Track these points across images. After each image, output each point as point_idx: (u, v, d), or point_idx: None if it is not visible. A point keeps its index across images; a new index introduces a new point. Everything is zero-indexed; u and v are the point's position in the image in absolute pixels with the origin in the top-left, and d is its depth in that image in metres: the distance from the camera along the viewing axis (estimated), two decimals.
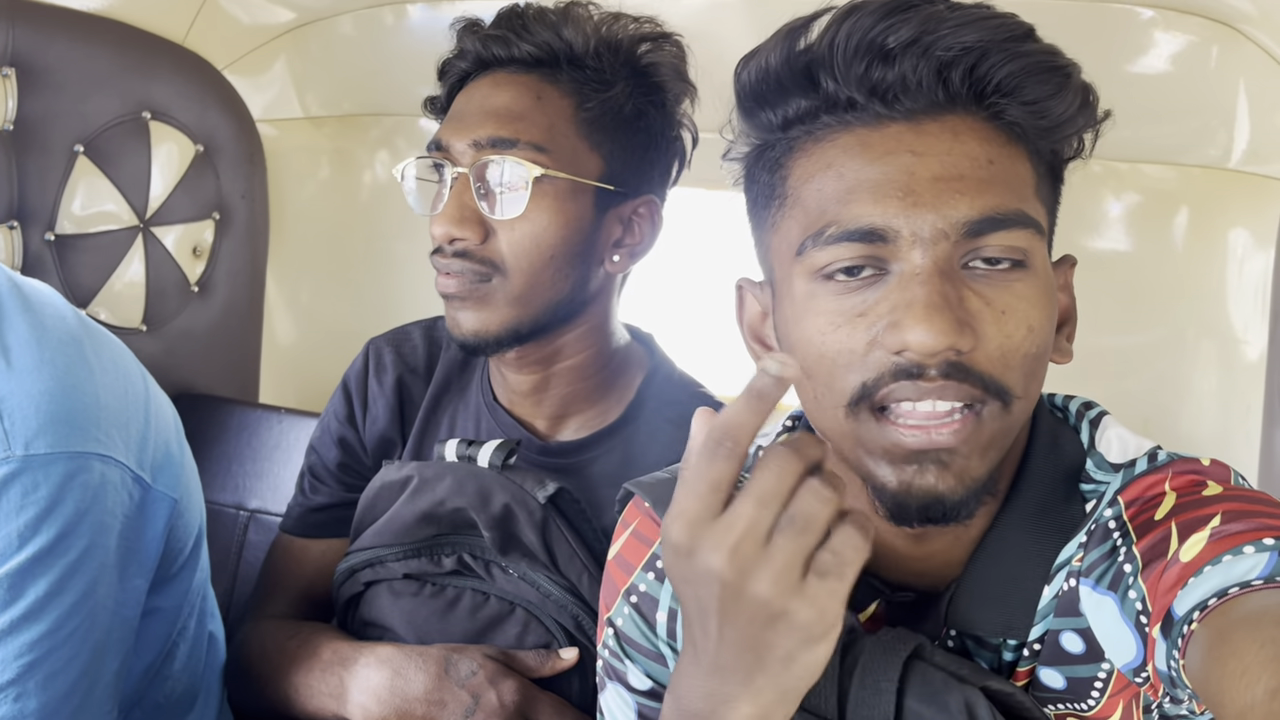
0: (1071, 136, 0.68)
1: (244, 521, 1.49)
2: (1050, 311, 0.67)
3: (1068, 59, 0.66)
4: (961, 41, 0.63)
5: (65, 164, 1.39)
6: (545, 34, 1.01)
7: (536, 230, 0.99)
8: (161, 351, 1.53)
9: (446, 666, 1.00)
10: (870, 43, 0.64)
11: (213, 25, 1.51)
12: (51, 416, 0.88)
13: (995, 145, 0.65)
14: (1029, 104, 0.65)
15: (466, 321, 1.02)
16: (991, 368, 0.64)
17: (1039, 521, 0.71)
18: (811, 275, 0.66)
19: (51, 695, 0.87)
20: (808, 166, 0.68)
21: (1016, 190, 0.65)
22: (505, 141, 0.99)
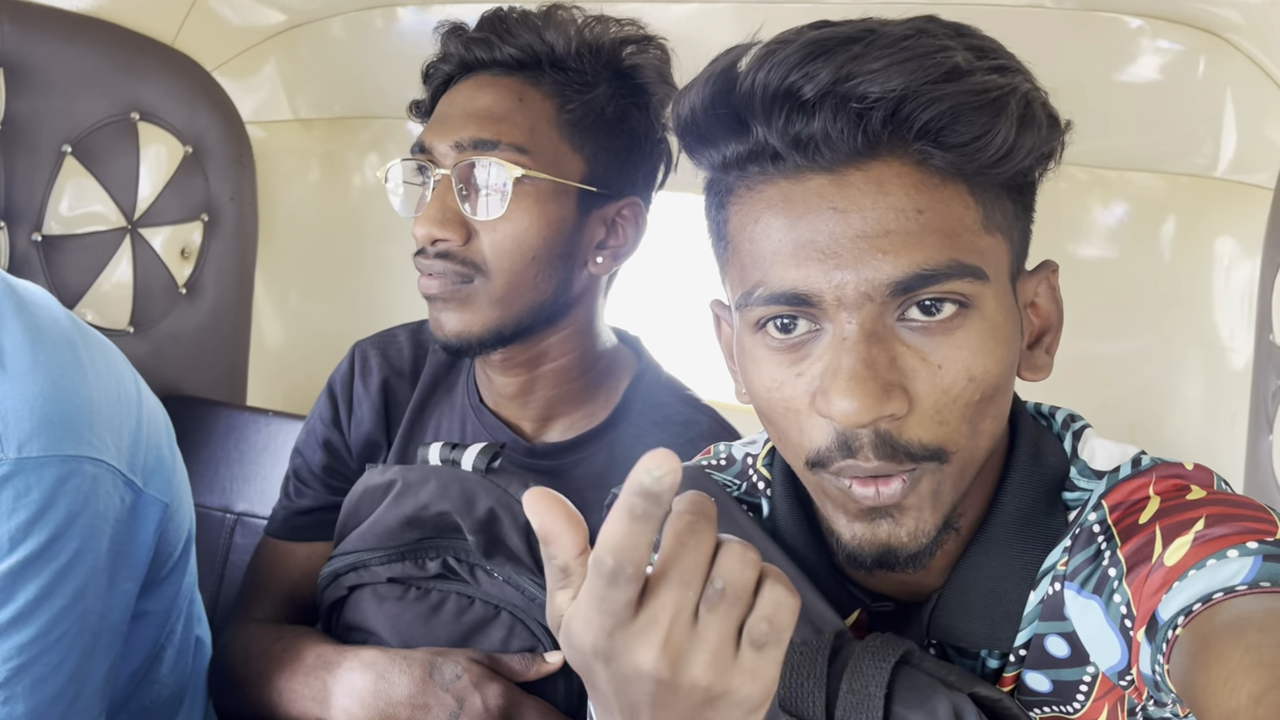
0: (1022, 163, 0.64)
1: (231, 524, 1.49)
2: (1001, 351, 0.64)
3: (1002, 85, 0.61)
4: (877, 89, 0.59)
5: (53, 164, 1.39)
6: (528, 36, 1.02)
7: (518, 231, 1.00)
8: (149, 353, 1.53)
9: (431, 670, 0.99)
10: (786, 92, 0.60)
11: (203, 26, 1.51)
12: (45, 419, 0.87)
13: (925, 191, 0.61)
14: (957, 146, 0.61)
15: (449, 323, 1.02)
16: (924, 433, 0.62)
17: (1021, 533, 0.71)
18: (751, 328, 0.66)
19: (40, 699, 0.87)
20: (742, 216, 0.66)
21: (951, 237, 0.61)
22: (487, 143, 0.99)
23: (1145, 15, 1.21)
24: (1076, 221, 1.41)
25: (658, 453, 0.48)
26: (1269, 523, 0.62)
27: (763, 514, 0.81)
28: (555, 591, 0.54)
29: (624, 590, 0.49)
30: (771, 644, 0.51)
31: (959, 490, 0.66)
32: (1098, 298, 1.40)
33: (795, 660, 0.70)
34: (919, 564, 0.65)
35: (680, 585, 0.50)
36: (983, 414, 0.64)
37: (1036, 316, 0.71)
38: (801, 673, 0.69)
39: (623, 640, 0.50)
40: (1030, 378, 0.70)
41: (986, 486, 0.72)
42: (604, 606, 0.50)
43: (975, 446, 0.65)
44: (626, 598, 0.49)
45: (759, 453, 0.83)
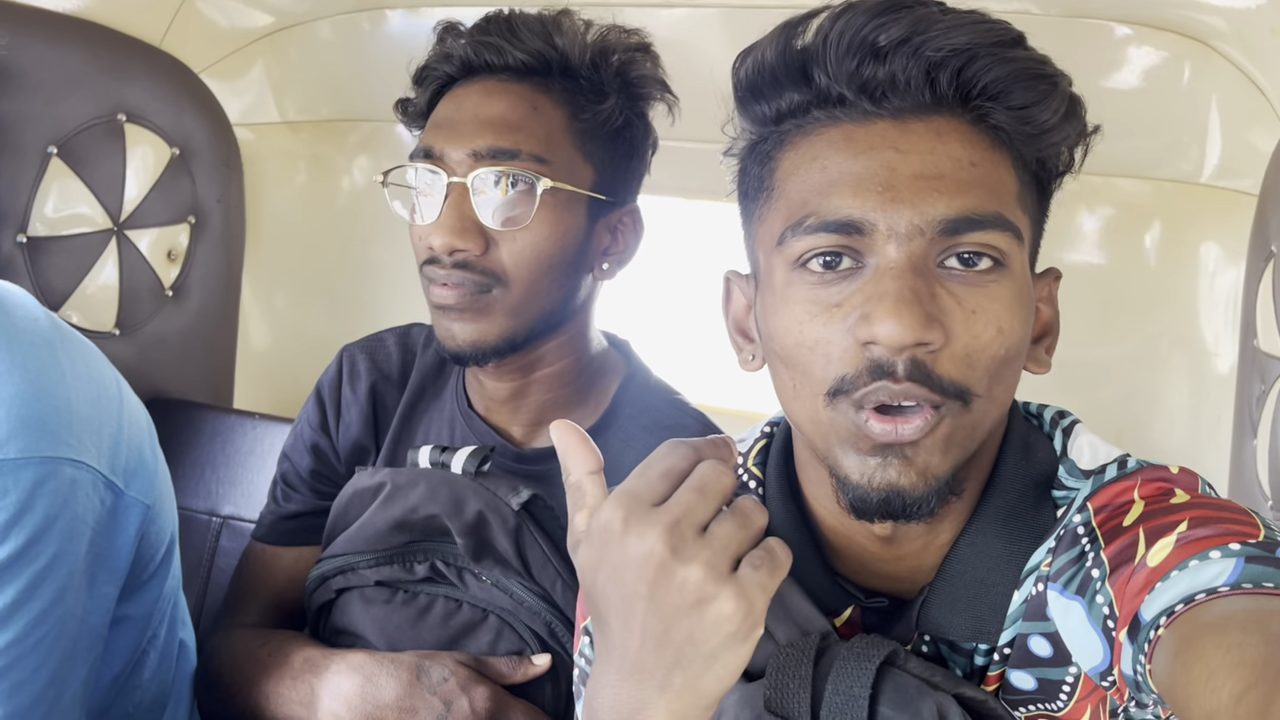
0: (1057, 145, 0.68)
1: (216, 528, 1.48)
2: (1024, 317, 0.67)
3: (1056, 69, 0.67)
4: (950, 43, 0.64)
5: (38, 165, 1.38)
6: (538, 42, 1.01)
7: (537, 240, 0.99)
8: (134, 356, 1.52)
9: (418, 673, 0.99)
10: (862, 40, 0.65)
11: (190, 28, 1.50)
12: (22, 421, 0.86)
13: (979, 148, 0.66)
14: (1014, 109, 0.66)
15: (463, 333, 1.01)
16: (955, 369, 0.64)
17: (1009, 527, 0.71)
18: (791, 264, 0.67)
19: (18, 704, 0.86)
20: (795, 159, 0.69)
21: (996, 194, 0.66)
22: (506, 153, 0.98)
23: (1131, 22, 1.22)
24: (1063, 227, 1.41)
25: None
26: (1251, 525, 0.62)
27: None
28: (574, 512, 0.62)
29: (675, 458, 0.60)
30: (765, 569, 0.57)
31: (968, 445, 0.67)
32: (1084, 303, 1.40)
33: (781, 661, 0.70)
34: (922, 512, 0.66)
35: (697, 491, 0.58)
36: (1001, 374, 0.67)
37: (1039, 318, 0.73)
38: (787, 673, 0.69)
39: (638, 515, 0.57)
40: (1032, 369, 0.72)
41: (980, 475, 0.72)
42: (648, 473, 0.60)
43: (990, 406, 0.67)
44: (670, 466, 0.60)
45: (749, 451, 0.83)
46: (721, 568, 0.56)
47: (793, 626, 0.73)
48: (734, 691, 0.73)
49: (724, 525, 0.57)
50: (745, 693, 0.72)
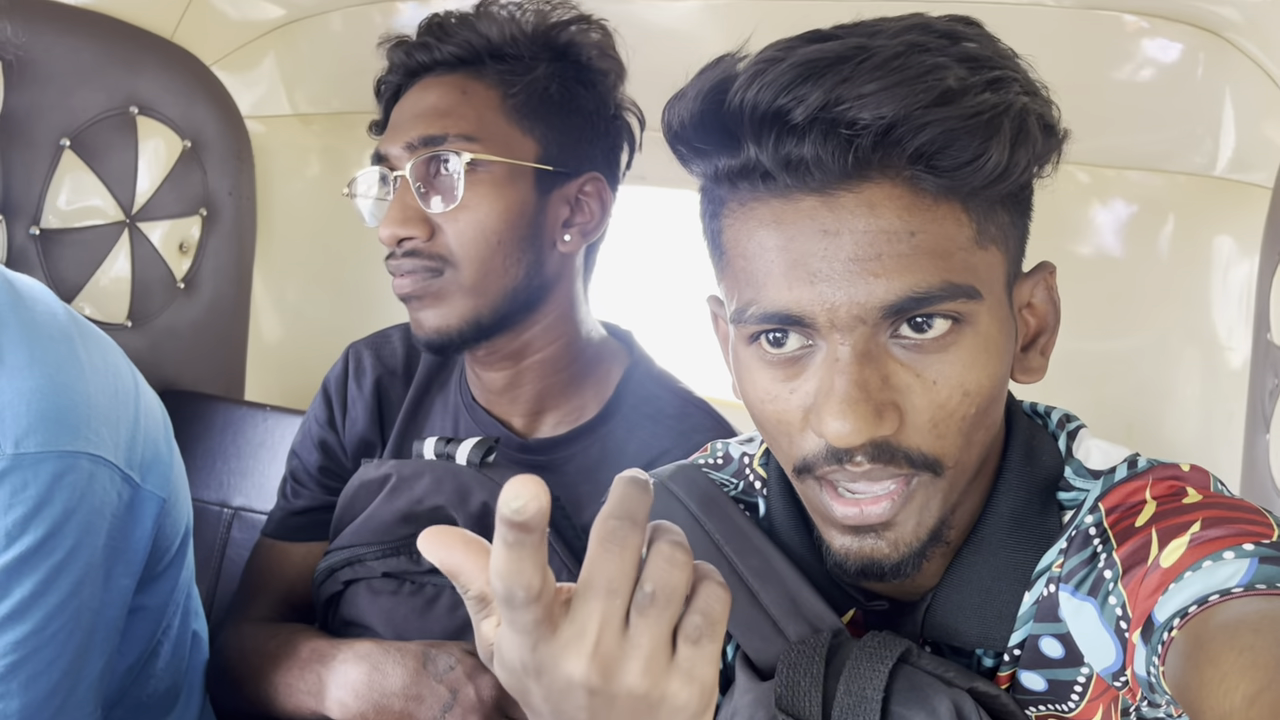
0: (1019, 179, 0.63)
1: (228, 519, 1.49)
2: (994, 364, 0.64)
3: (996, 105, 0.59)
4: (868, 115, 0.58)
5: (51, 158, 1.38)
6: (464, 33, 1.04)
7: (479, 218, 1.01)
8: (147, 348, 1.52)
9: (425, 661, 1.00)
10: (776, 114, 0.59)
11: (202, 20, 1.50)
12: (42, 415, 0.87)
13: (918, 212, 0.61)
14: (950, 170, 0.60)
15: (428, 320, 1.03)
16: (921, 442, 0.63)
17: (1015, 533, 0.71)
18: (746, 340, 0.66)
19: (34, 695, 0.87)
20: (735, 230, 0.65)
21: (945, 258, 0.61)
22: (435, 138, 1.01)
23: (1145, 14, 1.21)
24: (1075, 220, 1.41)
25: (518, 480, 0.47)
26: (1265, 525, 0.62)
27: (759, 513, 0.81)
28: (479, 623, 0.53)
29: (526, 612, 0.49)
30: (707, 638, 0.50)
31: (948, 504, 0.66)
32: (1096, 296, 1.40)
33: (792, 659, 0.70)
34: (903, 575, 0.66)
35: (606, 594, 0.49)
36: (978, 425, 0.65)
37: (1033, 317, 0.71)
38: (798, 671, 0.69)
39: (549, 653, 0.50)
40: (1024, 380, 0.70)
41: (981, 488, 0.72)
42: (516, 627, 0.49)
43: (968, 459, 0.66)
44: (533, 617, 0.49)
45: (755, 452, 0.83)
46: (662, 661, 0.50)
47: (804, 624, 0.73)
48: (748, 692, 0.73)
49: (648, 614, 0.49)
50: (759, 693, 0.72)
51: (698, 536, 0.77)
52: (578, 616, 0.49)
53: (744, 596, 0.75)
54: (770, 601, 0.75)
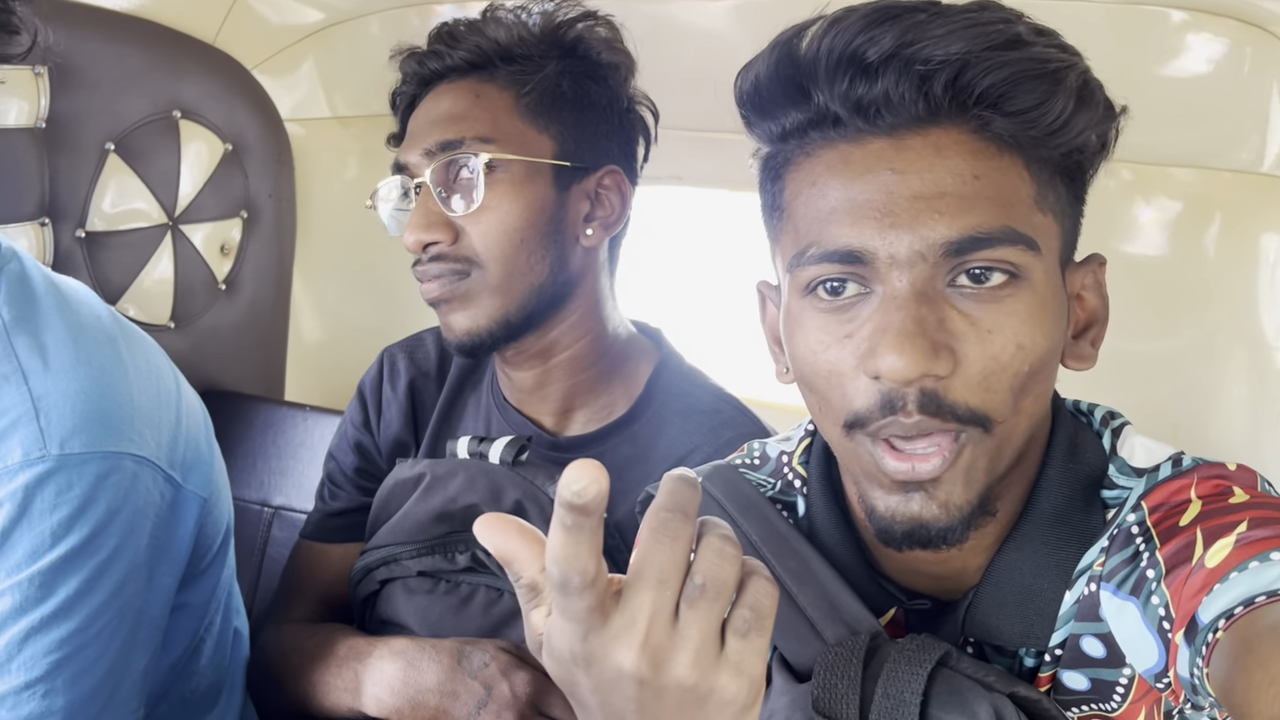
0: (1074, 138, 0.65)
1: (268, 518, 1.51)
2: (1049, 326, 0.64)
3: (1062, 59, 0.63)
4: (940, 52, 0.61)
5: (96, 162, 1.41)
6: (474, 39, 1.06)
7: (501, 217, 1.02)
8: (189, 348, 1.55)
9: (459, 658, 1.01)
10: (851, 56, 0.62)
11: (243, 25, 1.52)
12: (86, 416, 0.88)
13: (983, 159, 0.63)
14: (1016, 114, 0.62)
15: (458, 322, 1.04)
16: (970, 394, 0.63)
17: (1057, 530, 0.70)
18: (801, 291, 0.66)
19: (79, 692, 0.88)
20: (798, 181, 0.67)
21: (1006, 205, 0.63)
22: (452, 143, 1.02)
23: (1190, 9, 1.19)
24: (1119, 218, 1.39)
25: (579, 464, 0.47)
26: None
27: (798, 513, 0.80)
28: (529, 612, 0.54)
29: (580, 598, 0.49)
30: (755, 631, 0.51)
31: (995, 469, 0.66)
32: (1141, 295, 1.38)
33: (830, 661, 0.70)
34: (950, 540, 0.65)
35: (656, 584, 0.50)
36: (1027, 389, 0.64)
37: (1082, 309, 0.71)
38: (836, 673, 0.69)
39: (600, 643, 0.50)
40: (1074, 366, 0.70)
41: (1024, 481, 0.71)
42: (568, 615, 0.50)
43: (1017, 423, 0.65)
44: (586, 604, 0.49)
45: (794, 450, 0.82)
46: (711, 654, 0.50)
47: (842, 626, 0.73)
48: (785, 694, 0.73)
49: (697, 607, 0.50)
50: (796, 695, 0.72)
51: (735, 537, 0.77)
52: (628, 606, 0.50)
53: (782, 598, 0.75)
54: (808, 603, 0.74)
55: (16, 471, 0.85)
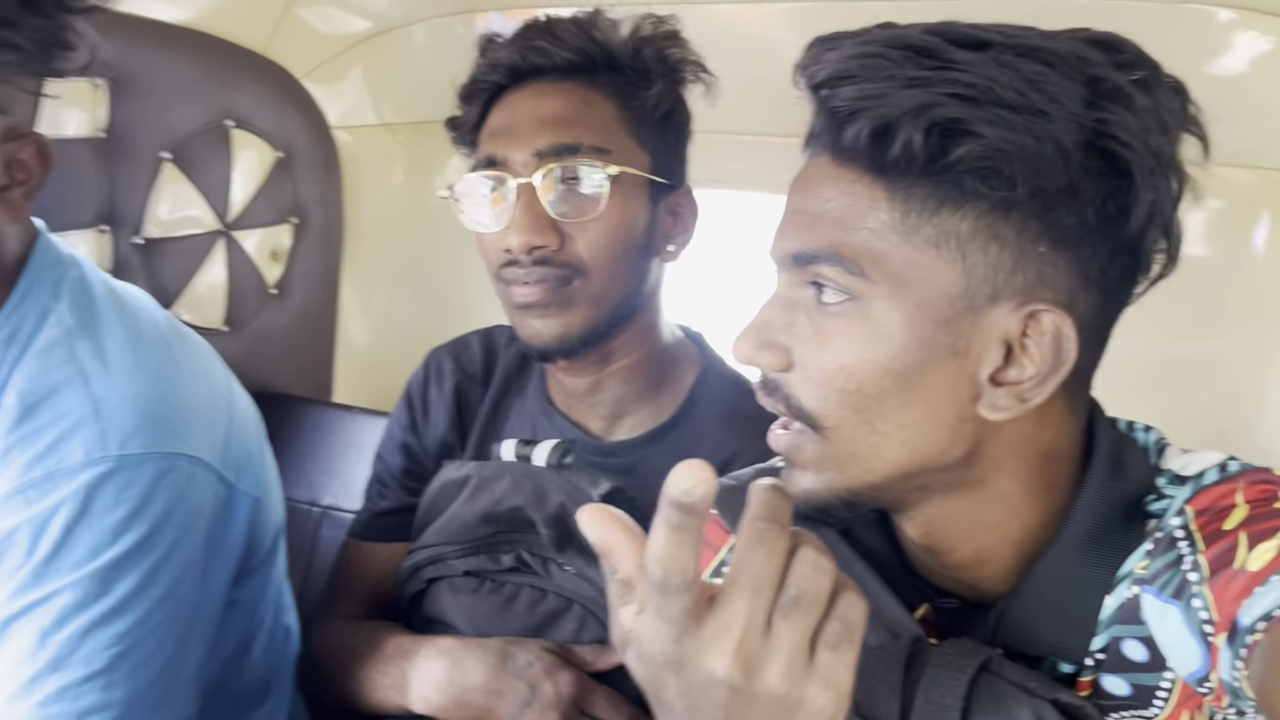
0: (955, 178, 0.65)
1: (317, 517, 1.53)
2: (882, 356, 0.64)
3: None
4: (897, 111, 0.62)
5: (152, 170, 1.44)
6: (580, 40, 1.04)
7: (609, 228, 1.02)
8: (241, 351, 1.58)
9: (504, 658, 1.02)
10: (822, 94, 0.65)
11: (292, 35, 1.55)
12: (144, 418, 0.91)
13: (839, 183, 0.66)
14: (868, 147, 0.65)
15: (549, 328, 1.03)
16: (801, 394, 0.68)
17: (1095, 548, 0.69)
18: None
19: (137, 685, 0.91)
20: None
21: (845, 230, 0.66)
22: (568, 148, 1.01)
23: (1236, 7, 1.18)
24: None
25: (689, 464, 0.49)
26: None
27: None
28: (619, 608, 0.55)
29: (678, 599, 0.50)
30: (846, 645, 0.52)
31: (850, 483, 0.68)
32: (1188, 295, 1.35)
33: (870, 665, 0.70)
34: (827, 520, 0.70)
35: (752, 592, 0.51)
36: (873, 411, 0.66)
37: (1023, 358, 0.65)
38: (876, 677, 0.69)
39: (693, 647, 0.51)
40: (986, 415, 0.66)
41: (1055, 497, 0.71)
42: (664, 615, 0.51)
43: (870, 444, 0.66)
44: (683, 606, 0.50)
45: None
46: (801, 664, 0.51)
47: (883, 630, 0.73)
48: None
49: (791, 617, 0.51)
50: None
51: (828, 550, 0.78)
52: (723, 613, 0.51)
53: None
54: None
55: (78, 471, 0.88)
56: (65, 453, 0.88)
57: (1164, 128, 0.64)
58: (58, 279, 0.97)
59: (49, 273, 0.97)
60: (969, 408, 0.66)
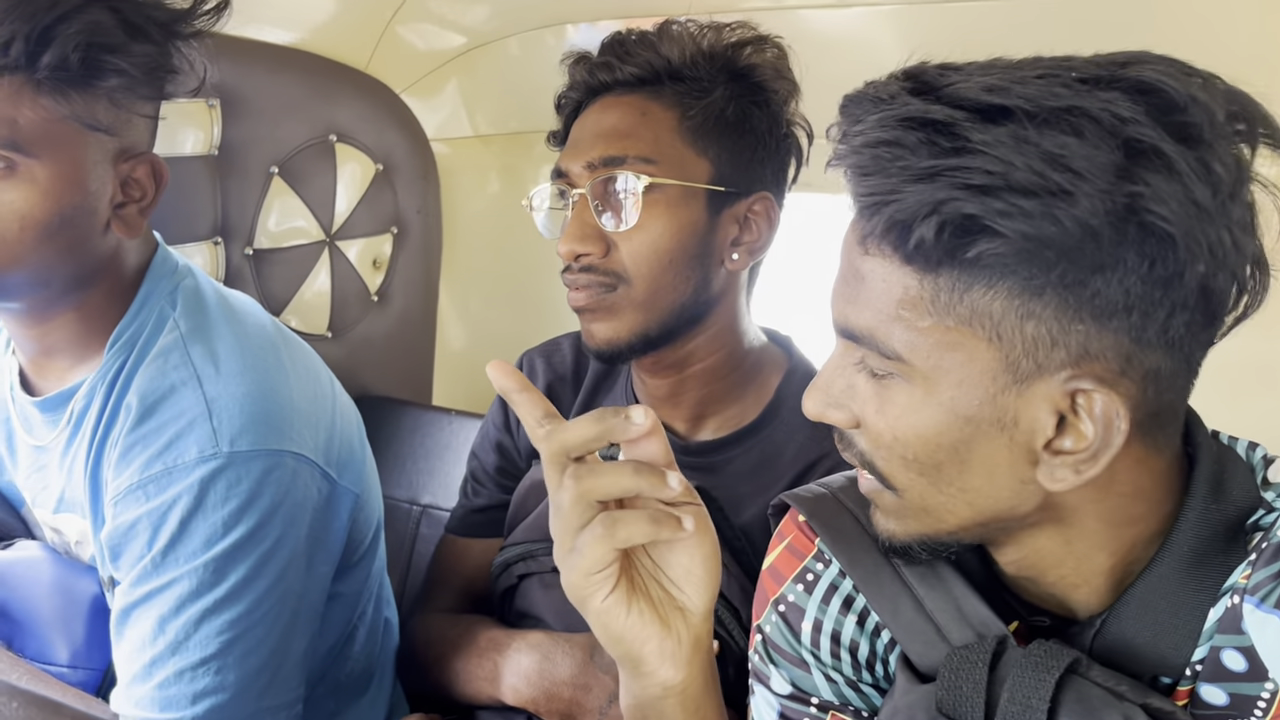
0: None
1: (417, 515, 1.58)
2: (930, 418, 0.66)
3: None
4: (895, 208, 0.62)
5: (262, 185, 1.50)
6: (645, 54, 1.06)
7: (652, 238, 1.03)
8: (344, 356, 1.63)
9: (592, 653, 1.04)
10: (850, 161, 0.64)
11: (392, 52, 1.60)
12: (253, 417, 0.96)
13: (869, 260, 0.67)
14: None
15: (599, 331, 1.07)
16: (873, 453, 0.70)
17: (1197, 571, 0.68)
18: None
19: (247, 670, 0.95)
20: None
21: (876, 309, 0.66)
22: (615, 159, 1.03)
23: None
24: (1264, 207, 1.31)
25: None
26: None
27: None
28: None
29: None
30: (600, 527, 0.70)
31: (927, 530, 0.71)
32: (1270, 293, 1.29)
33: (956, 663, 0.70)
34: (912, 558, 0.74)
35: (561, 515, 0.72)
36: (935, 476, 0.68)
37: (1077, 425, 0.64)
38: (961, 675, 0.69)
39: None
40: (1046, 485, 0.65)
41: (1144, 526, 0.69)
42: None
43: (939, 502, 0.69)
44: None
45: None
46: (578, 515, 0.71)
47: (968, 629, 0.73)
48: (908, 693, 0.73)
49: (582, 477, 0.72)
50: (920, 695, 0.72)
51: (866, 546, 0.78)
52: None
53: (909, 602, 0.75)
54: (935, 607, 0.74)
55: (193, 467, 0.93)
56: (181, 450, 0.94)
57: (1213, 182, 0.59)
58: (174, 288, 1.03)
59: (166, 282, 1.03)
60: (1029, 472, 0.65)
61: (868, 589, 0.78)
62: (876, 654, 0.81)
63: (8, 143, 0.88)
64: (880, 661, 0.81)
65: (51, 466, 1.04)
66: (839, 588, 0.81)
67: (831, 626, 0.81)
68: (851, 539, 0.79)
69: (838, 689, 0.81)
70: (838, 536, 0.80)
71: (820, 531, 0.80)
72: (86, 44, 0.88)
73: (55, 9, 0.87)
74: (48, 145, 0.90)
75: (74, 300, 0.98)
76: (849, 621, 0.80)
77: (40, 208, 0.91)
